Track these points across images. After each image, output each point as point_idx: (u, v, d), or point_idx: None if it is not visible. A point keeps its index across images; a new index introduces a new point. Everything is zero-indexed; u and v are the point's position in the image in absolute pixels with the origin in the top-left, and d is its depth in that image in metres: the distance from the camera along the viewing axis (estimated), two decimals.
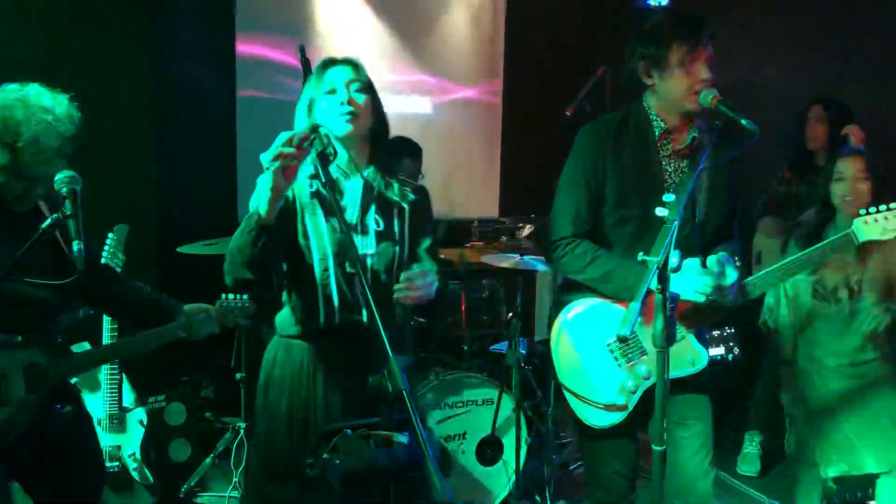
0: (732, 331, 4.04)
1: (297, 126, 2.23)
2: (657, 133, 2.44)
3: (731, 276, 2.35)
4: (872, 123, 3.92)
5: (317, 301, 2.19)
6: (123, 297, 2.68)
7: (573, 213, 2.47)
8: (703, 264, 2.34)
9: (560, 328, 2.51)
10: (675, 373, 2.30)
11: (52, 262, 2.30)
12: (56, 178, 2.13)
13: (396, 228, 2.28)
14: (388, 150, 2.36)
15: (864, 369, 3.05)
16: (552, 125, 4.90)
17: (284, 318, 2.30)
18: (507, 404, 3.75)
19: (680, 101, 2.37)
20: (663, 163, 2.46)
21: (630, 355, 2.44)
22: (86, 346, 3.26)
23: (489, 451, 3.79)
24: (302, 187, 2.21)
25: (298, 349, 2.25)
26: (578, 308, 2.50)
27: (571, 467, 4.18)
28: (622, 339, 1.97)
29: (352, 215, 2.23)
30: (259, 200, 2.01)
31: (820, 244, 2.57)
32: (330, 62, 2.27)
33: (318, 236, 2.19)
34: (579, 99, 4.59)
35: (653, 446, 2.02)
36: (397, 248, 2.26)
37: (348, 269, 2.17)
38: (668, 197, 1.99)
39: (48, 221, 2.13)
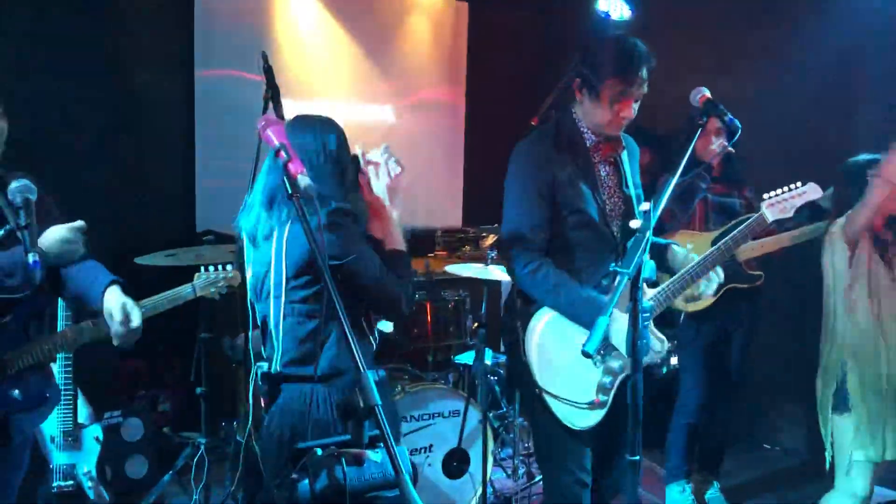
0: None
1: (267, 174, 2.22)
2: (588, 144, 2.56)
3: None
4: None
5: None
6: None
7: (529, 223, 2.51)
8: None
9: (535, 333, 2.52)
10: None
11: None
12: (10, 187, 2.06)
13: None
14: None
15: None
16: (515, 134, 4.88)
17: None
18: (474, 415, 3.72)
19: (600, 125, 2.51)
20: (599, 168, 2.59)
21: (603, 352, 2.47)
22: None
23: (456, 463, 3.75)
24: None
25: None
26: (550, 313, 2.52)
27: (538, 478, 4.16)
28: (586, 355, 1.95)
29: None
30: None
31: (735, 231, 2.70)
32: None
33: None
34: (545, 108, 4.58)
35: (627, 455, 2.00)
36: None
37: None
38: (643, 206, 2.00)
39: (1, 232, 2.06)
